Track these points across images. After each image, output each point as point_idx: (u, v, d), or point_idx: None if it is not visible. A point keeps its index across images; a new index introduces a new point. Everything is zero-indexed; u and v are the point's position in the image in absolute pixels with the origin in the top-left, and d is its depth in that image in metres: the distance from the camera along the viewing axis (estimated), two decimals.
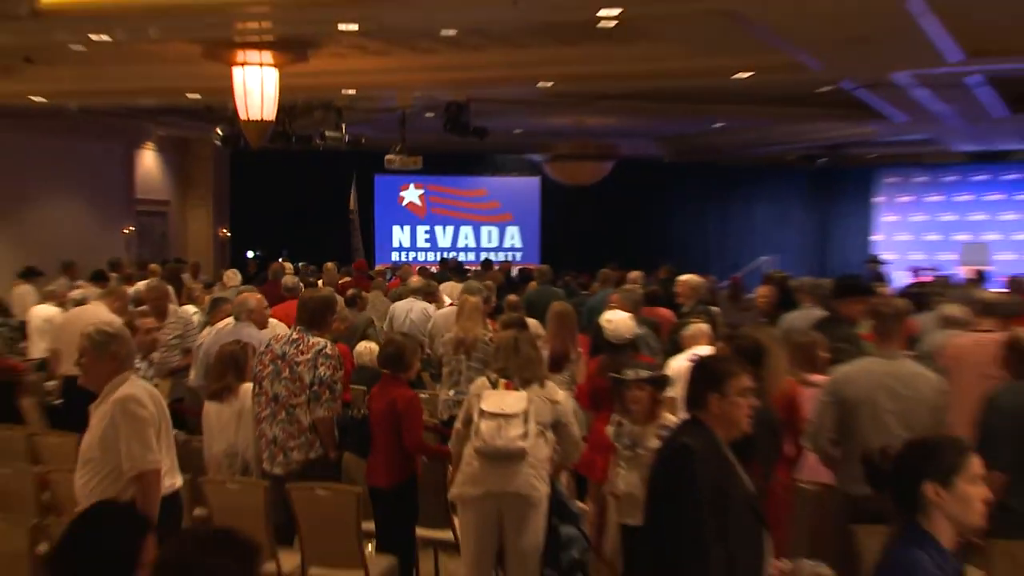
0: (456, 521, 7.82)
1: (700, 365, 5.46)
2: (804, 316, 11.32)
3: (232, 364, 8.79)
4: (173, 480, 6.75)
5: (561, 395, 7.76)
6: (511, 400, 7.45)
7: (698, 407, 5.21)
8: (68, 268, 17.87)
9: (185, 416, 10.51)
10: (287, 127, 19.51)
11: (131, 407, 6.43)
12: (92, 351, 6.68)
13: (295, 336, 8.38)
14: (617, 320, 9.00)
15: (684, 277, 14.21)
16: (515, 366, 7.63)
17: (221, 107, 18.15)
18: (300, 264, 20.82)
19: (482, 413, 7.43)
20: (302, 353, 8.23)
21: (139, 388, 6.59)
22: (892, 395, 7.39)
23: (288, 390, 8.21)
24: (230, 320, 11.07)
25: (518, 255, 29.32)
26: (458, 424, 7.79)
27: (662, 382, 7.42)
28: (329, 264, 19.26)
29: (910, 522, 4.10)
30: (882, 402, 7.38)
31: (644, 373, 7.38)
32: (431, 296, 14.41)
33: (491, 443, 7.34)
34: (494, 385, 7.61)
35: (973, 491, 4.06)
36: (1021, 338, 7.53)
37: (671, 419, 7.19)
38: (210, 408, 8.82)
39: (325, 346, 8.26)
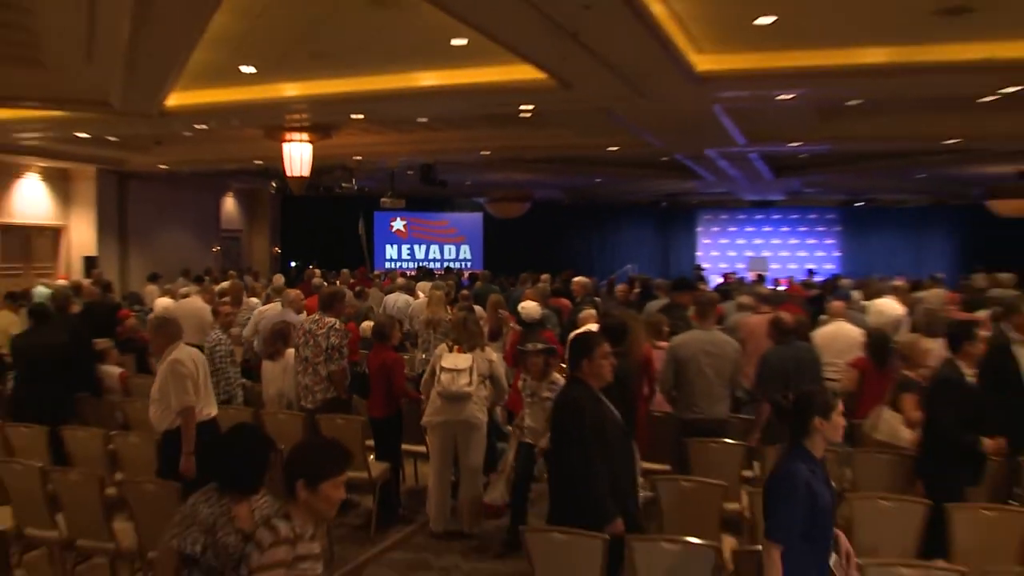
0: (427, 439, 7.85)
1: (573, 341, 5.38)
2: (658, 304, 11.42)
3: (280, 336, 8.83)
4: (209, 411, 6.75)
5: (495, 356, 7.79)
6: (461, 360, 7.48)
7: (576, 369, 5.16)
8: (184, 273, 17.83)
9: (252, 370, 10.52)
10: (318, 180, 19.44)
11: (176, 367, 6.53)
12: (153, 331, 6.81)
13: (316, 317, 8.42)
14: (528, 306, 9.06)
15: (578, 278, 14.29)
16: (464, 338, 7.64)
17: (275, 168, 18.07)
18: (320, 269, 20.74)
19: (442, 369, 7.48)
20: (320, 328, 8.27)
21: (183, 353, 6.63)
22: (708, 355, 7.48)
23: (312, 352, 8.27)
24: (277, 306, 11.09)
25: (468, 264, 29.26)
26: (426, 376, 7.81)
27: (550, 351, 7.31)
28: (344, 271, 19.27)
29: (797, 443, 4.17)
30: (702, 359, 7.47)
31: (540, 346, 7.30)
32: (411, 291, 14.43)
33: (448, 388, 7.41)
34: (450, 350, 7.62)
35: (838, 420, 4.17)
36: (779, 317, 7.70)
37: (559, 378, 7.17)
38: (267, 365, 8.88)
39: (335, 323, 8.32)
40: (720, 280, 21.06)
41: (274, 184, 22.06)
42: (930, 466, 6.19)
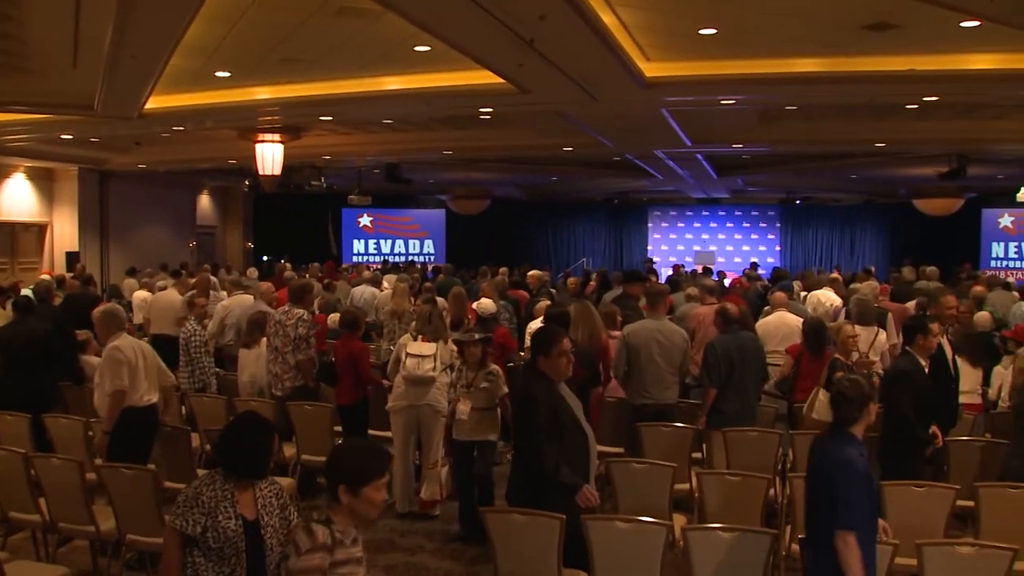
0: (391, 423, 7.82)
1: (534, 336, 5.33)
2: (612, 295, 11.44)
3: (257, 326, 8.81)
4: (150, 397, 6.73)
5: (452, 347, 7.74)
6: (426, 348, 7.50)
7: (535, 362, 5.13)
8: (162, 267, 17.64)
9: (224, 359, 10.46)
10: (288, 179, 19.28)
11: (113, 352, 6.56)
12: (98, 322, 6.84)
13: (286, 308, 8.40)
14: (483, 303, 9.14)
15: (534, 272, 14.39)
16: (429, 328, 7.66)
17: (248, 167, 17.89)
18: (291, 263, 20.62)
19: (408, 355, 7.48)
20: (290, 320, 8.24)
21: (125, 341, 6.66)
22: (659, 343, 7.55)
23: (282, 342, 8.24)
24: (244, 298, 11.04)
25: (432, 258, 29.16)
26: (391, 363, 7.84)
27: (487, 340, 7.27)
28: (314, 264, 19.18)
29: (843, 430, 4.17)
30: (653, 347, 7.54)
31: (476, 336, 7.21)
32: (377, 284, 14.38)
33: (413, 372, 7.42)
34: (415, 339, 7.64)
35: (874, 409, 4.23)
36: (725, 308, 7.76)
37: (496, 368, 7.15)
38: (243, 352, 8.86)
39: (303, 314, 8.30)
40: (670, 272, 21.17)
41: (247, 182, 21.89)
42: (889, 452, 6.29)
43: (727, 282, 17.54)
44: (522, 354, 9.66)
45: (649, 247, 30.42)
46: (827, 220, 28.77)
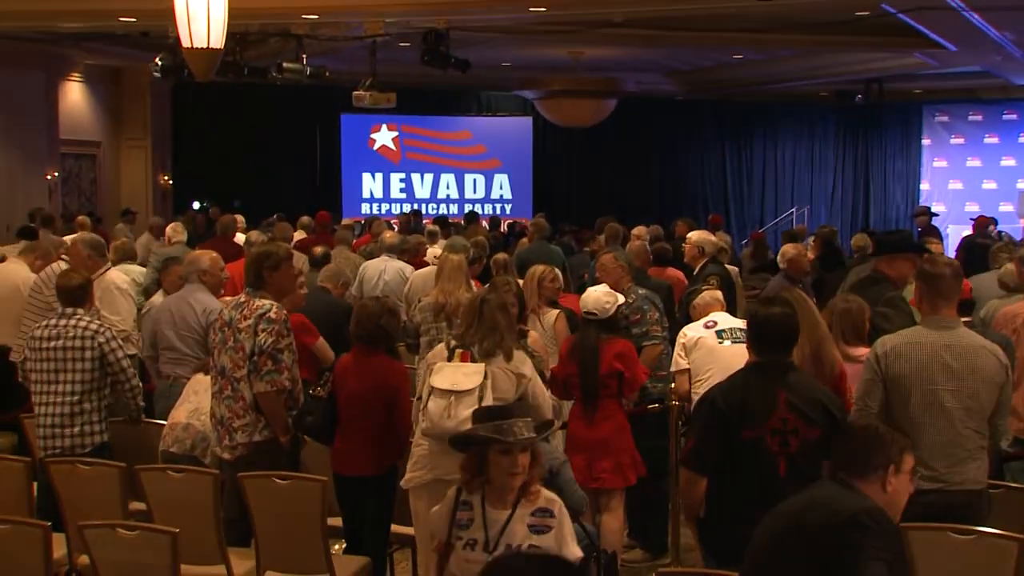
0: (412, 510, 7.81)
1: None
2: (856, 275, 11.29)
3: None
4: None
5: (529, 368, 7.77)
6: (465, 375, 7.48)
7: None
8: None
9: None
10: (238, 57, 19.38)
11: None
12: None
13: (242, 299, 8.36)
14: (595, 296, 9.11)
15: (696, 232, 14.18)
16: (476, 334, 7.65)
17: (160, 33, 18.05)
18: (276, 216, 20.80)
19: (433, 390, 7.46)
20: (245, 318, 8.18)
21: None
22: (948, 371, 7.21)
23: (232, 361, 8.19)
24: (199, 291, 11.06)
25: (508, 207, 29.29)
26: (414, 397, 7.88)
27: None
28: (304, 218, 19.27)
29: None
30: (938, 379, 7.18)
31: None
32: (408, 253, 14.33)
33: (439, 424, 7.35)
34: (450, 355, 7.63)
35: None
36: None
37: None
38: (194, 379, 9.13)
39: (268, 310, 8.16)
40: (966, 233, 20.82)
41: (159, 62, 21.93)
42: None
43: None
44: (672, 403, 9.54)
45: (924, 184, 30.32)
46: None
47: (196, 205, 25.98)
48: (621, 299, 9.33)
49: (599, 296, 9.11)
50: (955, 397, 7.29)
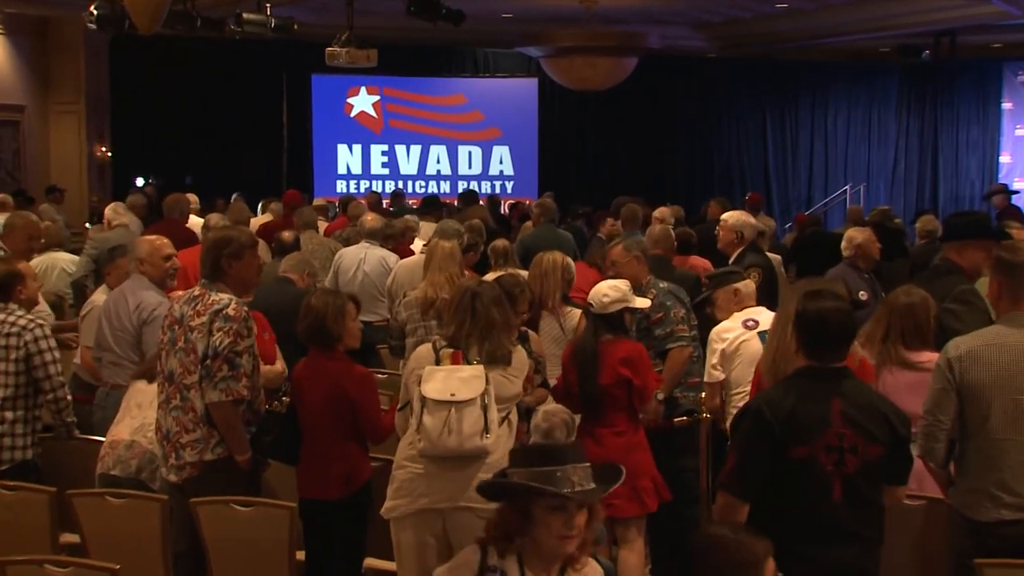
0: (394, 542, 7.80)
1: None
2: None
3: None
4: None
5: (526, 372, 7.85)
6: (461, 379, 7.49)
7: None
8: None
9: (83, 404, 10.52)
10: (189, 6, 19.41)
11: None
12: None
13: (196, 293, 8.31)
14: (605, 289, 9.07)
15: (730, 213, 14.17)
16: (472, 336, 7.67)
17: None
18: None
19: (425, 402, 7.44)
20: (198, 315, 8.15)
21: None
22: None
23: (182, 365, 8.16)
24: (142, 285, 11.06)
25: (509, 185, 29.36)
26: (398, 409, 7.94)
27: None
28: (273, 205, 19.26)
29: None
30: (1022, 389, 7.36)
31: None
32: (390, 239, 14.34)
33: (440, 443, 7.36)
34: (438, 358, 7.63)
35: None
36: None
37: None
38: (135, 387, 9.08)
39: (226, 305, 8.12)
40: None
41: (94, 11, 21.91)
42: None
43: None
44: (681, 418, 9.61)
45: (1004, 157, 30.46)
46: None
47: (140, 182, 25.99)
48: (641, 302, 9.31)
49: (601, 286, 9.13)
50: None
